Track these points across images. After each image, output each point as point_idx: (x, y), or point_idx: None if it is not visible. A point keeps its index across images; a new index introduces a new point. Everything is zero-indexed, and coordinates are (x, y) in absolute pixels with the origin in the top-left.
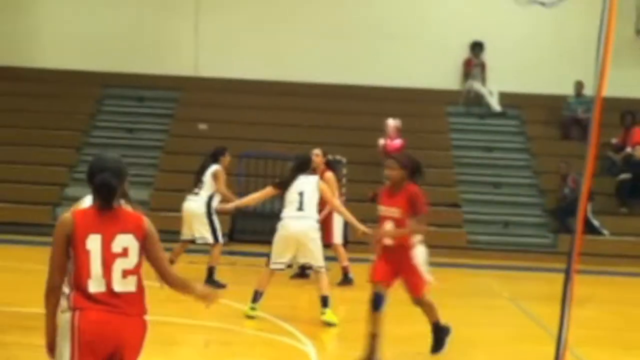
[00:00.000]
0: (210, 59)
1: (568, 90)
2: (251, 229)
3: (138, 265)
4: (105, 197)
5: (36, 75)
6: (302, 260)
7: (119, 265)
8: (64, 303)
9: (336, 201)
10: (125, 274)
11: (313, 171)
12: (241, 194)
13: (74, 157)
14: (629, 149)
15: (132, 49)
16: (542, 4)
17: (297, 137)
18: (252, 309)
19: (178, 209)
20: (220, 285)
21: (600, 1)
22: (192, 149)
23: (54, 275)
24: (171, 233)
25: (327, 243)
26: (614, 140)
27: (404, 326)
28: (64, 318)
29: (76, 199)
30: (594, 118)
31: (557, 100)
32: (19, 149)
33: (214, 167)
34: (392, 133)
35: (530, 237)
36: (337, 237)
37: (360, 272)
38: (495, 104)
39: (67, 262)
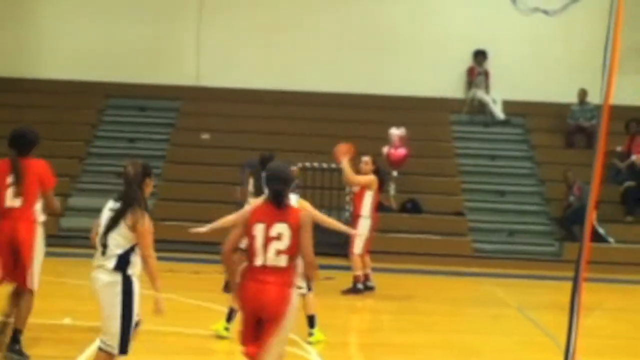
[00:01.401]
0: (212, 69)
1: (572, 98)
2: None
3: (290, 247)
4: (277, 201)
5: (39, 87)
6: None
7: (273, 246)
8: None
9: (319, 214)
10: (278, 253)
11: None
12: (241, 203)
13: (76, 167)
14: (633, 157)
15: (133, 59)
16: (545, 12)
17: (299, 146)
18: (226, 329)
19: (182, 218)
20: None
21: (604, 10)
22: (194, 158)
23: (230, 245)
24: (176, 242)
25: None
26: (619, 148)
27: (403, 335)
28: None
29: (80, 209)
30: (602, 127)
31: (561, 108)
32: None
33: None
34: (396, 142)
35: (535, 245)
36: (358, 247)
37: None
38: (499, 112)
39: (241, 239)
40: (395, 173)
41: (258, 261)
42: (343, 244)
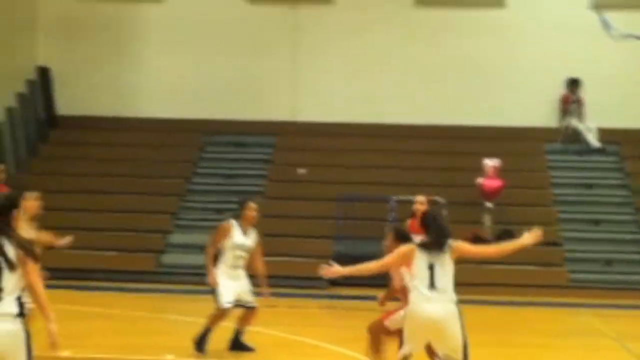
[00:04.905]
0: (307, 104)
1: None
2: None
3: None
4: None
5: (139, 125)
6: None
7: None
8: None
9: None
10: None
11: (412, 217)
12: (339, 237)
13: (176, 204)
14: None
15: (230, 96)
16: (638, 38)
17: (395, 179)
18: None
19: (280, 253)
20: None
21: None
22: (292, 193)
23: None
24: (276, 278)
25: None
26: None
27: None
28: None
29: (180, 246)
30: None
31: None
32: (123, 197)
33: None
34: (490, 173)
35: (632, 274)
36: None
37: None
38: (593, 141)
39: None
40: (490, 204)
41: None
42: None
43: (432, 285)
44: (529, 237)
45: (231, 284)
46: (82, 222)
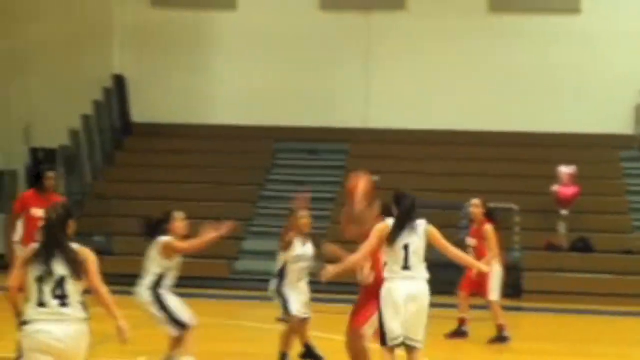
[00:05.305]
0: (380, 111)
1: None
2: None
3: None
4: None
5: (211, 132)
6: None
7: None
8: None
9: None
10: None
11: (471, 223)
12: None
13: (250, 210)
14: None
15: (302, 103)
16: None
17: (468, 186)
18: None
19: None
20: None
21: None
22: None
23: None
24: (349, 285)
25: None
26: None
27: None
28: None
29: (253, 252)
30: None
31: None
32: (196, 205)
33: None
34: (565, 180)
35: None
36: (495, 293)
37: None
38: None
39: None
40: (565, 212)
41: None
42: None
43: (406, 264)
44: (483, 266)
45: (297, 296)
46: None
